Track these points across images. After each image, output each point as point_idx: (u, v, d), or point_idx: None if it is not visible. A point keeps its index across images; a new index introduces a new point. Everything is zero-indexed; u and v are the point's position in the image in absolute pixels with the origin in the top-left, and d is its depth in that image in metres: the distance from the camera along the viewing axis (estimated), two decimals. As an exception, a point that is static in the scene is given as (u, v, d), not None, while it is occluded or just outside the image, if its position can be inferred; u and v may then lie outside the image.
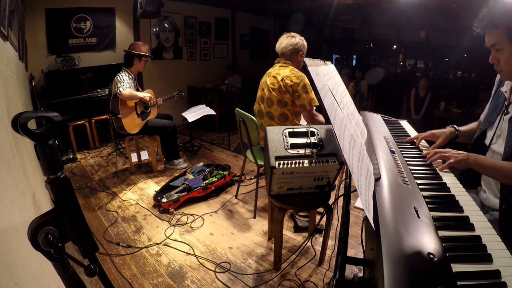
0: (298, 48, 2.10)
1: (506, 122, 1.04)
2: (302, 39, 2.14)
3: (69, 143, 3.90)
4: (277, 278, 1.76)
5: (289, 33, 2.16)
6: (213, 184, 2.77)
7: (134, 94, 2.79)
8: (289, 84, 2.00)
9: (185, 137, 4.57)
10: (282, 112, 2.10)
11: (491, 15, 0.93)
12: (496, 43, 0.95)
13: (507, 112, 1.07)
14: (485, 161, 0.99)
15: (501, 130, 1.07)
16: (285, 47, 2.10)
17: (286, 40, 2.11)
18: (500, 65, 0.98)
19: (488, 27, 0.95)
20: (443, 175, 1.00)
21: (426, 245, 0.65)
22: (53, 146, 0.62)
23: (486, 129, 1.17)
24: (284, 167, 1.36)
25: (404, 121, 1.66)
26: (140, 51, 2.96)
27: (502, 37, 0.92)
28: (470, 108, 4.42)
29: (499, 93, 1.15)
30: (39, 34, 3.77)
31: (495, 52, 0.98)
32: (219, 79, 6.01)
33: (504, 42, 0.92)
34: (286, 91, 2.02)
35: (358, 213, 2.43)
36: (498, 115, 1.10)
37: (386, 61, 8.53)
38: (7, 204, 0.96)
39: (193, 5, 5.44)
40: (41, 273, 1.07)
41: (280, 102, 2.07)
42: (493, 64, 1.01)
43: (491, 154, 1.11)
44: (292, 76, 2.01)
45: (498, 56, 0.97)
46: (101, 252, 1.98)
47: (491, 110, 1.18)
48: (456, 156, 1.01)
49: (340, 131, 0.85)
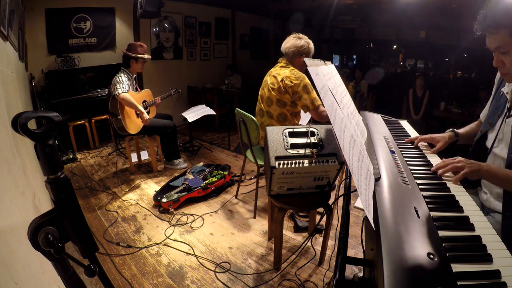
0: (302, 51, 2.08)
1: (509, 126, 1.01)
2: (309, 42, 2.10)
3: (69, 143, 3.90)
4: (277, 278, 1.76)
5: (298, 34, 2.12)
6: (213, 184, 2.77)
7: (131, 101, 2.72)
8: (289, 85, 2.00)
9: (185, 137, 4.57)
10: (281, 112, 2.11)
11: (493, 16, 0.88)
12: (501, 46, 0.90)
13: (509, 115, 1.03)
14: (498, 172, 0.94)
15: (503, 134, 1.04)
16: (288, 47, 2.08)
17: (292, 40, 2.08)
18: (506, 67, 0.94)
19: (491, 28, 0.90)
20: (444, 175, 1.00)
21: (426, 245, 0.65)
22: (53, 146, 0.62)
23: (487, 131, 1.14)
24: (284, 167, 1.36)
25: (404, 121, 1.66)
26: (137, 53, 2.94)
27: (508, 38, 0.87)
28: (470, 108, 4.42)
29: (500, 94, 1.12)
30: (39, 34, 3.77)
31: (499, 55, 0.93)
32: (219, 79, 6.01)
33: (510, 44, 0.87)
34: (286, 92, 2.02)
35: (358, 213, 2.43)
36: (500, 117, 1.07)
37: (386, 61, 8.53)
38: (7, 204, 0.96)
39: (193, 5, 5.45)
40: (41, 273, 1.07)
41: (279, 102, 2.07)
42: (497, 67, 0.97)
43: (493, 157, 1.08)
44: (292, 77, 2.00)
45: (503, 59, 0.93)
46: (101, 252, 1.98)
47: (492, 111, 1.14)
48: (470, 166, 0.94)
49: (340, 131, 0.85)
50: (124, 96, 2.70)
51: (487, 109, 1.22)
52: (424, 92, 4.66)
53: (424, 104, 4.65)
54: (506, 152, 1.00)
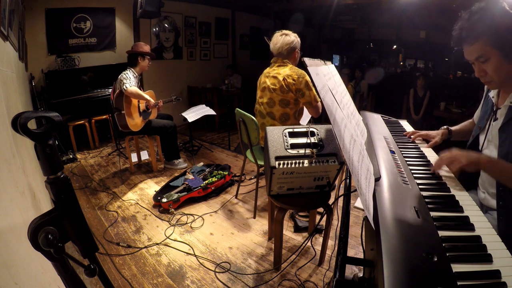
0: (293, 46, 2.10)
1: (496, 129, 1.02)
2: (295, 35, 2.13)
3: (69, 143, 3.90)
4: (277, 278, 1.76)
5: (281, 31, 2.13)
6: (213, 184, 2.77)
7: (139, 93, 2.82)
8: (292, 83, 2.00)
9: (185, 137, 4.57)
10: (284, 112, 2.10)
11: (469, 27, 0.90)
12: (482, 55, 0.92)
13: (495, 118, 1.05)
14: (499, 163, 0.93)
15: (491, 135, 1.06)
16: (281, 46, 2.08)
17: (281, 39, 2.09)
18: (488, 76, 0.95)
19: (469, 39, 0.92)
20: (443, 175, 1.00)
21: (426, 245, 0.65)
22: (53, 146, 0.62)
23: (479, 134, 1.16)
24: (284, 167, 1.36)
25: (404, 121, 1.67)
26: (144, 50, 3.01)
27: (486, 46, 0.89)
28: (470, 108, 4.41)
29: (488, 98, 1.15)
30: (39, 34, 3.77)
31: (480, 65, 0.95)
32: (219, 79, 6.00)
33: (489, 51, 0.90)
34: (289, 90, 2.02)
35: (358, 213, 2.43)
36: (488, 120, 1.10)
37: (386, 61, 8.53)
38: (7, 204, 0.96)
39: (193, 5, 5.44)
40: (41, 273, 1.07)
41: (282, 102, 2.07)
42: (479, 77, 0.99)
43: None
44: (293, 74, 2.00)
45: (484, 68, 0.94)
46: (101, 252, 1.98)
47: (482, 116, 1.18)
48: (468, 156, 0.92)
49: (340, 131, 0.85)
50: (132, 89, 2.76)
51: (479, 112, 1.25)
52: (425, 92, 4.66)
53: (425, 104, 4.65)
54: (495, 153, 1.01)
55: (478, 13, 0.89)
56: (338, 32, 8.76)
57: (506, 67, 0.92)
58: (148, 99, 2.92)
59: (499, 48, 0.89)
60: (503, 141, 0.97)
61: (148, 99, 2.92)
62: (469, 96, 4.98)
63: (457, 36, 0.95)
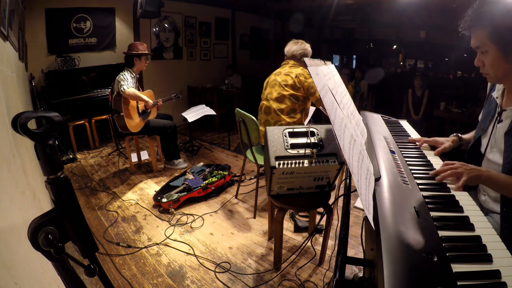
0: (306, 53, 2.35)
1: (500, 132, 0.99)
2: (309, 45, 2.40)
3: (69, 143, 3.90)
4: (277, 278, 1.76)
5: (297, 40, 2.38)
6: (213, 184, 2.77)
7: (137, 94, 2.81)
8: (303, 81, 2.18)
9: (185, 137, 4.57)
10: (292, 107, 2.23)
11: (476, 16, 0.90)
12: (480, 46, 0.92)
13: (500, 120, 1.02)
14: (499, 178, 0.91)
15: (495, 139, 1.03)
16: (296, 50, 2.31)
17: (297, 45, 2.33)
18: (485, 68, 0.95)
19: (473, 27, 0.92)
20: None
21: (426, 245, 0.65)
22: (53, 146, 0.62)
23: (480, 136, 1.13)
24: (284, 167, 1.36)
25: (404, 121, 1.66)
26: (139, 50, 2.99)
27: (486, 39, 0.89)
28: (470, 108, 4.41)
29: (491, 98, 1.12)
30: (39, 34, 3.77)
31: (480, 55, 0.94)
32: (219, 79, 6.00)
33: (488, 45, 0.89)
34: (300, 87, 2.19)
35: (358, 213, 2.43)
36: (491, 122, 1.07)
37: (386, 61, 8.52)
38: (7, 204, 0.96)
39: (193, 5, 5.44)
40: (41, 273, 1.07)
41: (292, 97, 2.21)
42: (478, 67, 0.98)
43: (487, 163, 1.07)
44: (305, 73, 2.20)
45: (483, 59, 0.94)
46: (101, 252, 1.98)
47: (484, 116, 1.14)
48: (469, 172, 0.91)
49: (340, 131, 0.85)
50: (130, 91, 2.76)
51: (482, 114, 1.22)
52: (424, 92, 4.65)
53: (424, 104, 4.65)
54: (499, 158, 0.99)
55: (486, 6, 0.89)
56: (338, 32, 8.75)
57: (504, 65, 0.91)
58: (146, 100, 2.90)
59: (497, 44, 0.88)
60: (509, 146, 0.94)
61: (146, 100, 2.90)
62: (469, 96, 4.97)
63: (465, 21, 0.94)
